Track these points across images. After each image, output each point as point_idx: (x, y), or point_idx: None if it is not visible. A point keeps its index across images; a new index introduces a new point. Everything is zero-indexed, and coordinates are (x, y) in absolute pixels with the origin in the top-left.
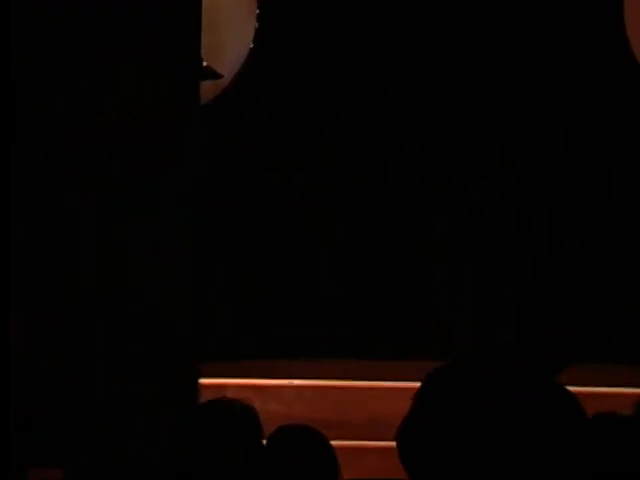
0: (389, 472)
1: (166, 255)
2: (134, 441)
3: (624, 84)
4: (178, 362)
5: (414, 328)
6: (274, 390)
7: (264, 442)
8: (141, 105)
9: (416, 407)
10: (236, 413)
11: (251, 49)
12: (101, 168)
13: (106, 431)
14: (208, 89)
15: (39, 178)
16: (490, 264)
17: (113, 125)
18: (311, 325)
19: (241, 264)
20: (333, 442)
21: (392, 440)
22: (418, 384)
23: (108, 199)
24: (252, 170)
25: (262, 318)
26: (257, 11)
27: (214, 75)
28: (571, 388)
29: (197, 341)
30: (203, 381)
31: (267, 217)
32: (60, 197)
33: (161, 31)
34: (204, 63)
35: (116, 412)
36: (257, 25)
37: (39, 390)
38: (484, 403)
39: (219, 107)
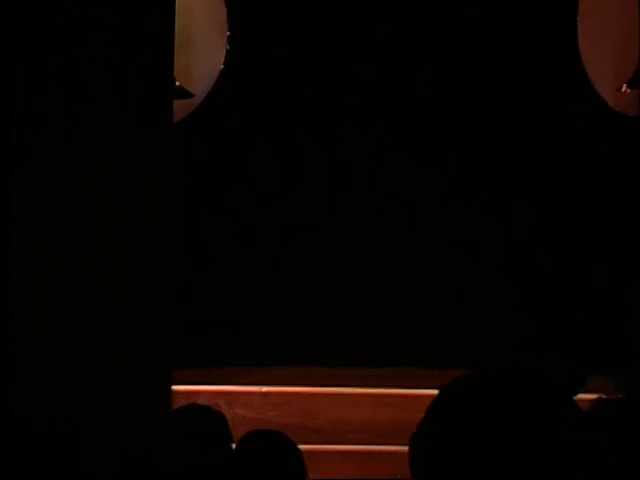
0: (352, 474)
1: (145, 267)
2: (108, 445)
3: (578, 106)
4: (151, 369)
5: (377, 337)
6: (243, 396)
7: (233, 446)
8: (118, 122)
9: (429, 417)
10: (206, 418)
11: (222, 69)
12: (81, 181)
13: (82, 433)
14: (180, 107)
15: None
16: (453, 271)
17: (92, 141)
18: (278, 334)
19: (212, 276)
20: (300, 446)
21: (355, 444)
22: (380, 390)
23: (89, 208)
24: (222, 184)
25: (232, 328)
26: (228, 33)
27: (186, 94)
28: None
29: (170, 349)
30: (175, 388)
31: (238, 230)
32: (42, 206)
33: (136, 52)
34: (177, 83)
35: (92, 416)
36: (228, 47)
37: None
38: (498, 417)
39: (191, 124)
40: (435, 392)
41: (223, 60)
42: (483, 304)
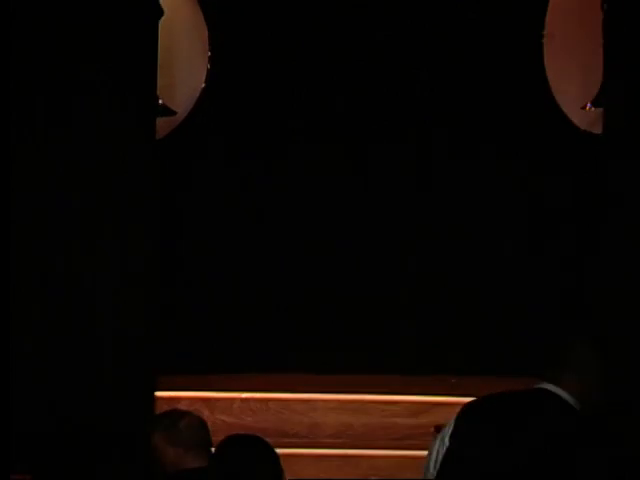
0: (326, 476)
1: (129, 282)
2: (96, 445)
3: (545, 124)
4: (136, 376)
5: (350, 347)
6: (223, 402)
7: (213, 450)
8: (104, 138)
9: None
10: (187, 423)
11: (203, 88)
12: (69, 195)
13: (69, 439)
14: (164, 125)
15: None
16: (422, 282)
17: (78, 156)
18: (257, 344)
19: (194, 290)
20: (277, 449)
21: (329, 448)
22: (353, 397)
23: (77, 222)
24: (203, 199)
25: (212, 337)
26: (209, 53)
27: (169, 112)
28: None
29: (153, 357)
30: (158, 394)
31: (215, 243)
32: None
33: (121, 72)
34: (160, 101)
35: (79, 421)
36: (209, 66)
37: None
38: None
39: (173, 140)
40: (402, 398)
41: (204, 79)
42: (446, 313)
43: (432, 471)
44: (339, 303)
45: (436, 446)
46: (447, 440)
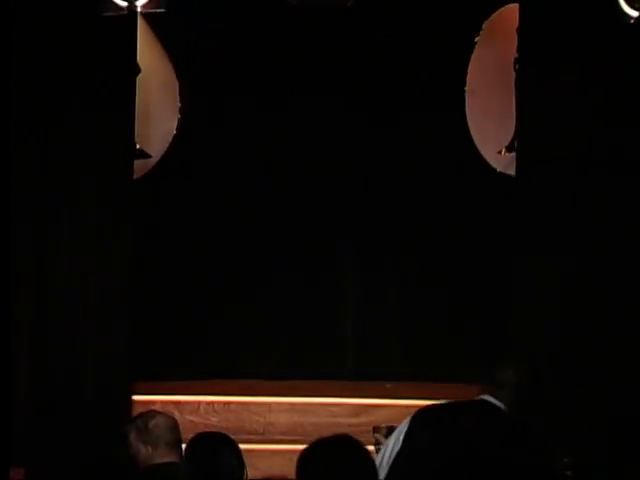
0: (280, 469)
1: (107, 300)
2: (79, 443)
3: (466, 166)
4: (115, 383)
5: (308, 352)
6: (191, 405)
7: (183, 447)
8: (87, 177)
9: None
10: (156, 423)
11: (174, 135)
12: (59, 224)
13: (56, 434)
14: (140, 166)
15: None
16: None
17: (65, 197)
18: (219, 353)
19: (165, 307)
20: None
21: (282, 444)
22: (303, 400)
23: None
24: (176, 233)
25: (181, 348)
26: (179, 104)
27: (145, 155)
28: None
29: (130, 366)
30: (135, 398)
31: (188, 266)
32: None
33: (102, 121)
34: (137, 146)
35: (67, 420)
36: (179, 116)
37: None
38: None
39: (149, 180)
40: (345, 401)
41: (175, 127)
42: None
43: (384, 465)
44: (288, 321)
45: (391, 443)
46: (401, 438)
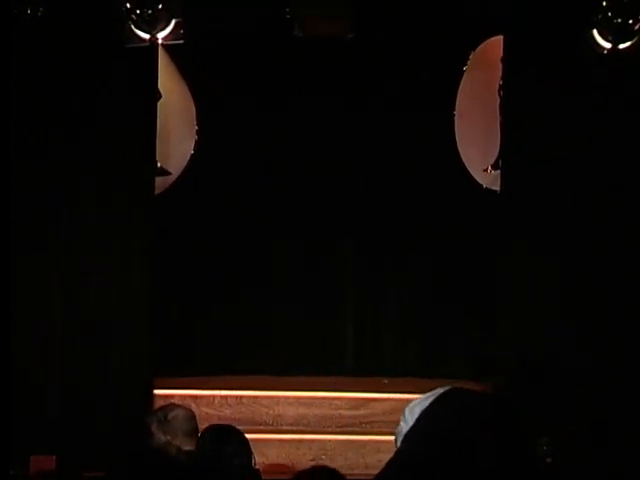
0: (287, 457)
1: (130, 301)
2: (106, 434)
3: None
4: (138, 379)
5: (312, 350)
6: (206, 398)
7: (199, 435)
8: (113, 195)
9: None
10: (175, 415)
11: (192, 154)
12: (84, 236)
13: (85, 427)
14: (161, 183)
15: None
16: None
17: (89, 213)
18: (232, 351)
19: (182, 308)
20: (248, 435)
21: (289, 434)
22: (308, 394)
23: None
24: (193, 244)
25: (198, 347)
26: (196, 127)
27: (165, 173)
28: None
29: (152, 364)
30: (156, 392)
31: (203, 275)
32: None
33: (127, 143)
34: (158, 164)
35: (94, 414)
36: (196, 137)
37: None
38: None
39: (169, 196)
40: (345, 395)
41: (193, 147)
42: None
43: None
44: (296, 319)
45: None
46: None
